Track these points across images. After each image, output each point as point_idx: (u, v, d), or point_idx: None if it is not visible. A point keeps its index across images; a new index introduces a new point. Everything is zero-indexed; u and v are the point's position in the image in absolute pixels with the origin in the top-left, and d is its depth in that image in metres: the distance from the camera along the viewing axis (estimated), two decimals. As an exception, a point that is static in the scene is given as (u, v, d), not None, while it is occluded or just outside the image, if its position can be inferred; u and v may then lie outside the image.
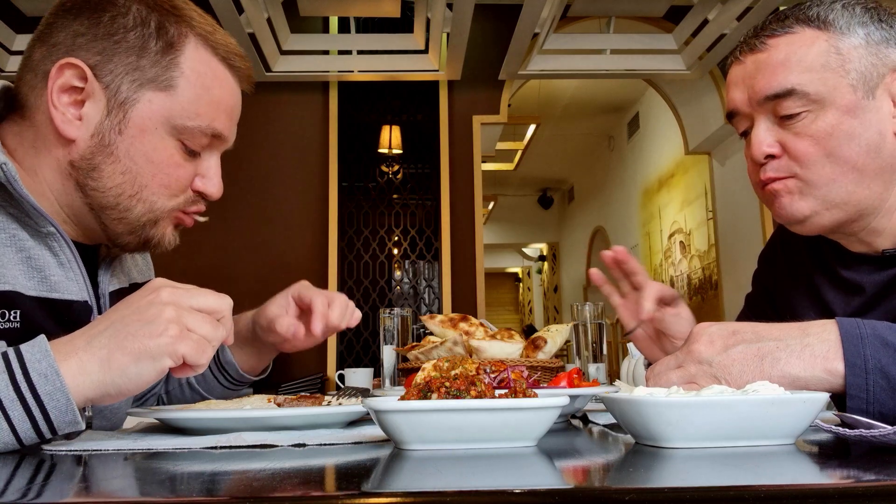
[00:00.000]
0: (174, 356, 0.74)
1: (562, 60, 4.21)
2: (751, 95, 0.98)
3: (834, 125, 0.93)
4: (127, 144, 0.91)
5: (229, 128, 0.98)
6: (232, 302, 0.82)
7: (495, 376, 0.95)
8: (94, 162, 0.91)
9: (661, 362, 0.84)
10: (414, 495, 0.45)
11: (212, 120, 0.94)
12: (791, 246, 1.17)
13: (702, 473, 0.52)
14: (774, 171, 0.98)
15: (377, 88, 4.42)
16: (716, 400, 0.63)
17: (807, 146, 0.95)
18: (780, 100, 0.95)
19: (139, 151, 0.91)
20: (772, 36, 0.97)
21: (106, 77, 0.89)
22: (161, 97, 0.91)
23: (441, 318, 1.31)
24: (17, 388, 0.69)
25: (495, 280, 13.27)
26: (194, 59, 0.93)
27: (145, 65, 0.90)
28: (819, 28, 0.95)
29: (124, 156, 0.91)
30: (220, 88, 0.95)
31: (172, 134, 0.92)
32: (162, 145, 0.92)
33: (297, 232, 4.33)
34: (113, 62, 0.89)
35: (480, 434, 0.64)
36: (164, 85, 0.91)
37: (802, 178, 0.96)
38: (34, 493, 0.50)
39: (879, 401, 0.73)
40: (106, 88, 0.90)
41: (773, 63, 0.96)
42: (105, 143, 0.90)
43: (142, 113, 0.91)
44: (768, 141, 0.98)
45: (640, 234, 7.59)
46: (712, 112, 4.97)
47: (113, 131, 0.90)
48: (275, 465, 0.59)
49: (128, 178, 0.91)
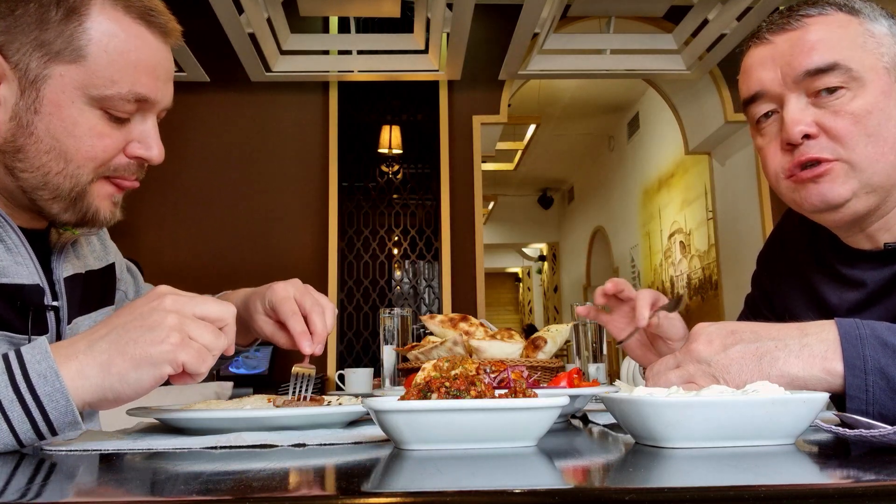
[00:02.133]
0: (174, 364, 0.74)
1: (562, 60, 4.21)
2: (786, 73, 0.96)
3: (873, 104, 0.92)
4: (45, 123, 0.86)
5: (155, 88, 0.91)
6: (235, 311, 0.81)
7: (495, 376, 0.95)
8: (17, 144, 0.87)
9: (660, 362, 0.84)
10: (414, 495, 0.45)
11: (132, 84, 0.88)
12: (789, 246, 1.17)
13: (701, 473, 0.52)
14: (816, 151, 0.94)
15: (377, 88, 4.42)
16: (716, 400, 0.63)
17: (847, 124, 0.92)
18: (822, 75, 0.93)
19: (59, 128, 0.86)
20: (806, 16, 0.97)
21: (14, 56, 0.85)
22: (72, 69, 0.85)
23: (441, 318, 1.31)
24: (16, 388, 0.69)
25: (495, 280, 13.28)
26: (103, 23, 0.87)
27: (50, 37, 0.85)
28: (850, 13, 0.96)
29: (45, 134, 0.86)
30: (138, 49, 0.89)
31: (92, 104, 0.87)
32: (83, 118, 0.87)
33: (297, 232, 4.33)
34: (18, 40, 0.85)
35: (480, 434, 0.64)
36: (73, 56, 0.85)
37: (846, 159, 0.93)
38: (34, 492, 0.50)
39: (879, 402, 0.73)
40: (15, 68, 0.85)
41: (811, 39, 0.95)
42: (24, 125, 0.86)
43: (55, 89, 0.85)
44: (806, 120, 0.94)
45: (640, 234, 7.59)
46: (712, 112, 4.97)
47: (29, 111, 0.86)
48: (275, 465, 0.59)
49: (52, 155, 0.87)
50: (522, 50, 3.94)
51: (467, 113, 4.47)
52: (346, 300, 4.26)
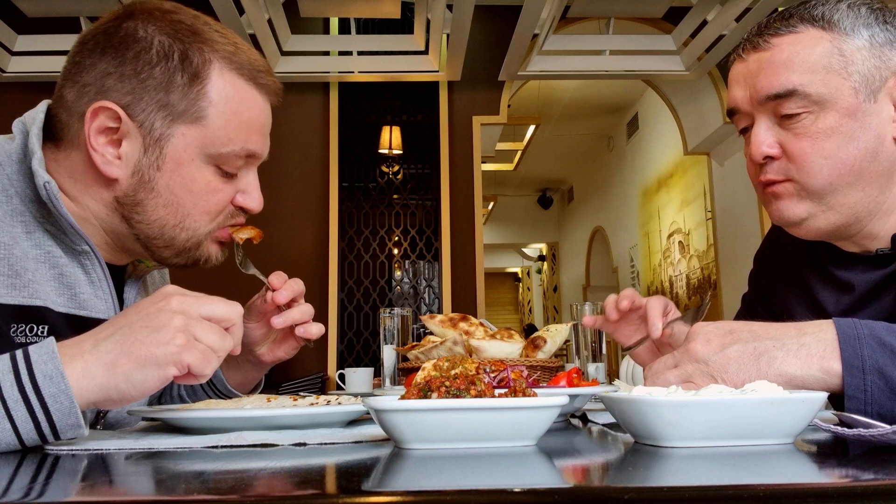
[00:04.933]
0: (179, 365, 0.74)
1: (561, 61, 4.21)
2: (752, 94, 0.98)
3: (834, 127, 0.93)
4: (166, 179, 0.93)
5: (262, 145, 0.99)
6: (242, 310, 0.81)
7: (495, 376, 0.95)
8: (138, 198, 0.93)
9: (658, 361, 0.84)
10: (414, 494, 0.46)
11: (245, 142, 0.96)
12: (785, 246, 1.17)
13: (700, 472, 0.53)
14: (773, 174, 0.98)
15: (377, 89, 4.43)
16: (715, 399, 0.63)
17: (805, 147, 0.94)
18: (782, 100, 0.94)
19: (178, 184, 0.93)
20: (775, 35, 0.96)
21: (139, 116, 0.91)
22: (193, 129, 0.92)
23: (441, 318, 1.31)
24: (21, 388, 0.69)
25: (495, 280, 13.28)
26: (221, 86, 0.93)
27: (174, 99, 0.91)
28: (823, 28, 0.95)
29: (165, 190, 0.93)
30: (249, 109, 0.96)
31: (208, 162, 0.94)
32: (199, 174, 0.94)
33: (297, 232, 4.33)
34: (143, 101, 0.91)
35: (480, 433, 0.64)
36: (194, 117, 0.92)
37: (799, 182, 0.96)
38: (36, 492, 0.51)
39: (878, 401, 0.73)
40: (140, 127, 0.91)
41: (775, 62, 0.95)
42: (146, 180, 0.93)
43: (177, 147, 0.92)
44: (768, 141, 0.97)
45: (640, 235, 7.59)
46: (711, 112, 4.97)
47: (152, 168, 0.92)
48: (275, 465, 0.59)
49: (170, 210, 0.94)
50: (522, 51, 3.94)
51: (467, 113, 4.47)
52: (346, 300, 4.26)
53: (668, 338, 1.14)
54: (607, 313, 1.17)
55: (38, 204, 0.91)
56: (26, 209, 0.91)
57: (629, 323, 1.19)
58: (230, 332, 0.79)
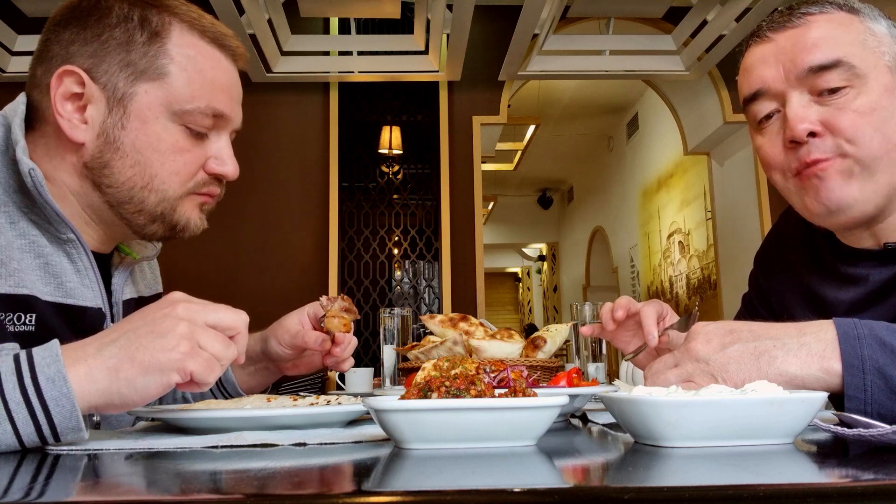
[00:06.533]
0: (182, 372, 0.73)
1: (561, 61, 4.21)
2: (789, 70, 0.95)
3: (875, 101, 0.92)
4: (132, 137, 0.93)
5: (230, 106, 1.00)
6: (248, 318, 0.81)
7: (495, 376, 0.95)
8: (104, 159, 0.94)
9: (658, 361, 0.84)
10: (414, 494, 0.46)
11: (210, 100, 0.96)
12: (786, 245, 1.16)
13: (700, 472, 0.53)
14: (821, 152, 0.92)
15: (377, 89, 4.43)
16: (715, 399, 0.63)
17: (854, 119, 0.91)
18: (825, 72, 0.92)
19: (144, 143, 0.94)
20: (808, 14, 0.96)
21: (102, 77, 0.93)
22: (156, 86, 0.94)
23: (441, 318, 1.31)
24: (23, 390, 0.69)
25: (495, 280, 13.28)
26: (182, 44, 0.95)
27: (135, 58, 0.93)
28: (850, 12, 0.96)
29: (131, 149, 0.94)
30: (213, 69, 0.97)
31: (174, 120, 0.95)
32: (166, 133, 0.95)
33: (297, 232, 4.33)
34: (105, 62, 0.93)
35: (480, 433, 0.64)
36: (156, 74, 0.93)
37: (853, 155, 0.92)
38: (37, 491, 0.51)
39: (878, 402, 0.73)
40: (104, 88, 0.93)
41: (813, 37, 0.94)
42: (111, 140, 0.93)
43: (140, 105, 0.93)
44: (811, 118, 0.93)
45: (640, 235, 7.59)
46: (711, 112, 4.97)
47: (116, 127, 0.93)
48: (275, 465, 0.59)
49: (137, 170, 0.94)
50: (522, 51, 3.94)
51: (467, 113, 4.47)
52: (345, 300, 4.25)
53: (667, 344, 1.12)
54: (603, 323, 1.16)
55: (21, 194, 0.91)
56: (9, 199, 0.91)
57: (627, 329, 1.17)
58: (235, 340, 0.78)
